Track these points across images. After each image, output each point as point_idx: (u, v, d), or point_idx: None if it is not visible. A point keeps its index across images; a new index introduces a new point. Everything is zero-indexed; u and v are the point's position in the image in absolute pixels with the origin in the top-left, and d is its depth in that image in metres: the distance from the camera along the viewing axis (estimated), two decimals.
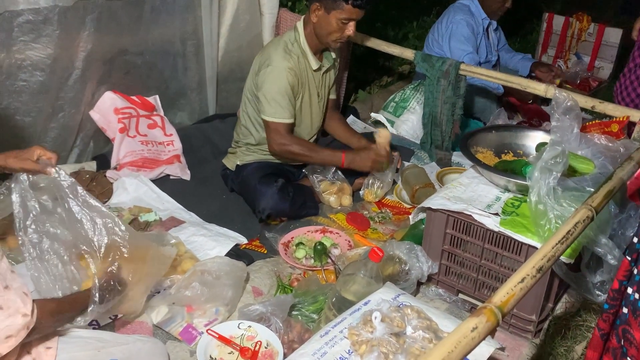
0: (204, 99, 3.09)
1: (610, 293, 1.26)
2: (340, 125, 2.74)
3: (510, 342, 1.88)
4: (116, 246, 1.63)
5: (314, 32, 2.39)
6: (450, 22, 3.24)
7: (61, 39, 2.28)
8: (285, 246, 2.26)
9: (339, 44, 2.41)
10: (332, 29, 2.32)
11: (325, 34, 2.35)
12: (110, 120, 2.61)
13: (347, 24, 2.31)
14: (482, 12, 3.30)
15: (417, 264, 1.99)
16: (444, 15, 3.36)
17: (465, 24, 3.20)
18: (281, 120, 2.36)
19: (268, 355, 1.65)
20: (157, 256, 1.71)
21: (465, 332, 1.05)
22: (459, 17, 3.22)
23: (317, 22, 2.34)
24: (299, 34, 2.42)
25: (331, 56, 2.54)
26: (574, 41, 4.61)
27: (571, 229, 1.42)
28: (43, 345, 1.37)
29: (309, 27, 2.39)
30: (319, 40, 2.40)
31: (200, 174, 2.71)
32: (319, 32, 2.36)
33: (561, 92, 2.20)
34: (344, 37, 2.36)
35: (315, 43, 2.42)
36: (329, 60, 2.54)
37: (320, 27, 2.35)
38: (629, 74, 2.81)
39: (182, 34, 2.84)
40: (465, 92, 2.86)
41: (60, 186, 1.62)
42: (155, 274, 1.74)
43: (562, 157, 1.73)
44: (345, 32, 2.33)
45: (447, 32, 3.24)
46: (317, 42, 2.42)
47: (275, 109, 2.35)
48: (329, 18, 2.30)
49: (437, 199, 1.98)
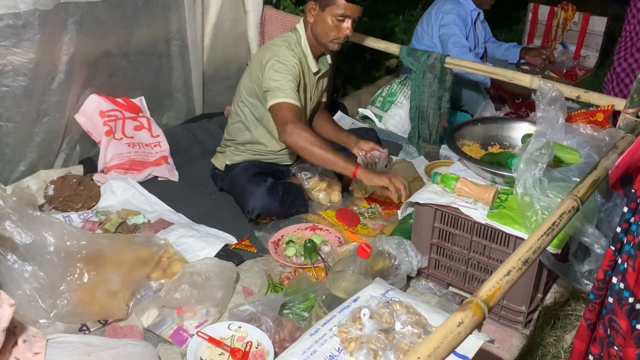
0: (190, 99, 3.07)
1: (595, 283, 1.26)
2: (329, 124, 2.73)
3: (500, 333, 1.89)
4: (74, 252, 1.63)
5: (312, 34, 2.38)
6: (440, 11, 3.25)
7: (43, 42, 2.26)
8: (275, 245, 2.26)
9: (337, 45, 2.38)
10: (329, 27, 2.30)
11: (322, 33, 2.33)
12: (96, 123, 2.59)
13: (343, 21, 2.29)
14: (470, 3, 3.31)
15: (406, 258, 1.99)
16: (432, 6, 3.37)
17: (455, 13, 3.21)
18: (292, 101, 2.22)
19: (259, 356, 1.65)
20: (138, 258, 1.71)
21: (451, 327, 1.05)
22: (449, 7, 3.23)
23: (314, 22, 2.33)
24: (300, 36, 2.40)
25: (327, 60, 2.53)
26: (560, 31, 4.63)
27: (557, 220, 1.42)
28: (31, 351, 1.37)
29: (309, 28, 2.39)
30: (317, 42, 2.39)
31: (189, 175, 2.70)
32: (316, 32, 2.35)
33: (546, 82, 2.21)
34: (342, 37, 2.34)
35: (315, 46, 2.41)
36: (325, 65, 2.53)
37: (316, 27, 2.34)
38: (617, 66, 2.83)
39: (166, 34, 2.82)
40: (451, 85, 2.86)
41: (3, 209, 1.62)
42: (139, 275, 1.74)
43: (547, 148, 1.74)
44: (342, 30, 2.31)
45: (436, 22, 3.25)
46: (316, 45, 2.41)
47: (284, 90, 2.23)
48: (324, 16, 2.29)
49: (425, 193, 1.98)
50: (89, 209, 2.38)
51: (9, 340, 1.36)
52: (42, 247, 1.62)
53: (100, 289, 1.66)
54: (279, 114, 2.22)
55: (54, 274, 1.62)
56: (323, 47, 2.42)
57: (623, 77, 2.80)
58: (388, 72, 4.24)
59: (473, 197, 1.90)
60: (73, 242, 1.64)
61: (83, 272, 1.64)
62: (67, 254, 1.63)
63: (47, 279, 1.61)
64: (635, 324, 1.16)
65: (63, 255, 1.63)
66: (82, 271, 1.64)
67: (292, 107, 2.22)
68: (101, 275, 1.66)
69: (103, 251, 1.69)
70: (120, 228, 2.24)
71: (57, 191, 2.38)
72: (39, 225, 1.63)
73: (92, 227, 2.23)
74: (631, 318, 1.17)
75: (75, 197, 2.39)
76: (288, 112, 2.20)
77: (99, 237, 1.77)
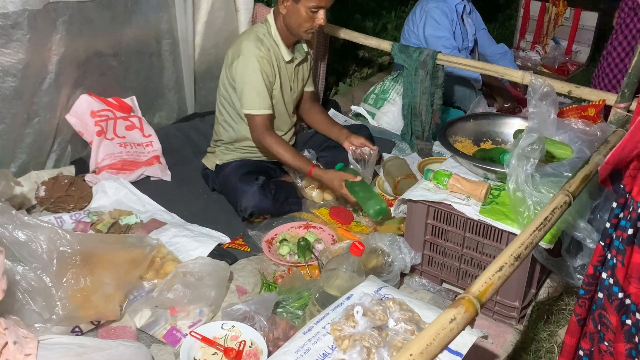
0: (182, 98, 3.06)
1: (585, 278, 1.27)
2: (321, 117, 2.72)
3: (494, 329, 1.90)
4: (67, 256, 1.63)
5: (284, 24, 2.37)
6: (424, 10, 3.23)
7: (32, 43, 2.24)
8: (269, 243, 2.25)
9: (310, 34, 2.39)
10: (302, 19, 2.29)
11: (295, 24, 2.32)
12: (87, 124, 2.58)
13: (317, 12, 2.29)
14: None
15: (400, 255, 1.99)
16: (417, 5, 3.35)
17: (439, 11, 3.19)
18: (259, 111, 2.35)
19: (252, 355, 1.65)
20: (131, 259, 1.70)
21: (443, 323, 1.06)
22: (432, 5, 3.21)
23: (287, 13, 2.32)
24: (270, 26, 2.40)
25: (303, 48, 2.52)
26: (551, 26, 4.64)
27: (548, 215, 1.43)
28: (22, 352, 1.36)
29: (280, 19, 2.37)
30: (290, 32, 2.38)
31: (181, 174, 2.69)
32: (289, 23, 2.34)
33: (537, 78, 2.21)
34: (315, 27, 2.34)
35: (286, 35, 2.40)
36: (301, 52, 2.52)
37: (290, 18, 2.32)
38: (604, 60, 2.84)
39: (157, 33, 2.81)
40: (444, 82, 2.86)
41: None
42: (131, 277, 1.73)
43: (538, 144, 1.74)
44: (315, 21, 2.31)
45: (421, 21, 3.23)
46: (288, 34, 2.40)
47: (252, 100, 2.33)
48: (297, 7, 2.28)
49: (417, 190, 1.98)
50: (81, 210, 2.37)
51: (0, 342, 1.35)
52: (34, 251, 1.61)
53: (94, 291, 1.65)
54: (250, 124, 2.40)
55: (47, 278, 1.61)
56: (296, 36, 2.41)
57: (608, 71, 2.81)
58: (380, 69, 4.24)
59: (465, 193, 1.90)
60: (65, 246, 1.63)
61: (77, 276, 1.63)
62: (59, 258, 1.62)
63: (39, 282, 1.60)
64: (625, 319, 1.16)
65: (55, 259, 1.61)
66: (75, 275, 1.63)
67: (262, 118, 2.37)
68: (95, 278, 1.65)
69: (96, 253, 1.68)
70: (113, 228, 2.23)
71: (48, 192, 2.36)
72: (30, 229, 1.62)
73: (84, 227, 2.22)
74: (621, 313, 1.17)
75: (66, 197, 2.38)
76: (259, 124, 2.37)
77: (92, 239, 1.75)
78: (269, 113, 2.38)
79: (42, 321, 1.57)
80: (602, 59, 2.87)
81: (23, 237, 1.61)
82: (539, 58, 4.55)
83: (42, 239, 1.62)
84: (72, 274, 1.63)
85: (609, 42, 2.85)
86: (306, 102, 2.69)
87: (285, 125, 2.58)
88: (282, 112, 2.52)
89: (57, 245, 1.63)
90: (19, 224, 1.61)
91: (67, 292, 1.62)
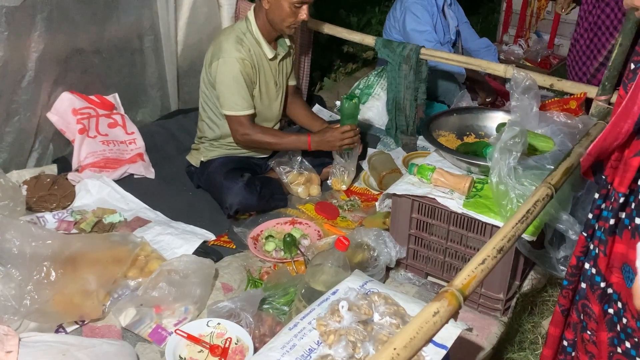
0: (165, 94, 3.03)
1: (568, 269, 1.28)
2: (302, 110, 2.72)
3: (479, 321, 1.91)
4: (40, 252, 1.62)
5: (266, 20, 2.35)
6: (404, 6, 3.23)
7: (11, 40, 2.21)
8: (255, 240, 2.25)
9: (293, 29, 2.38)
10: (285, 14, 2.29)
11: (278, 20, 2.32)
12: (69, 122, 2.55)
13: (300, 7, 2.28)
14: None
15: (385, 249, 2.00)
16: (397, 1, 3.35)
17: (419, 6, 3.19)
18: (241, 112, 2.35)
19: (238, 351, 1.65)
20: (113, 257, 1.68)
21: (427, 317, 1.06)
22: (412, 0, 3.21)
23: (270, 8, 2.31)
24: (250, 24, 2.38)
25: (285, 43, 2.51)
26: (534, 20, 4.66)
27: (531, 208, 1.44)
28: (2, 350, 1.35)
29: (261, 15, 2.36)
30: (272, 27, 2.37)
31: (165, 172, 2.67)
32: (271, 18, 2.33)
33: (519, 71, 2.23)
34: (298, 22, 2.33)
35: (268, 31, 2.39)
36: (284, 47, 2.51)
37: (272, 13, 2.31)
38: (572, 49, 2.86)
39: (138, 30, 2.78)
40: (427, 76, 2.87)
41: None
42: (114, 275, 1.71)
43: (521, 137, 1.75)
44: (298, 16, 2.30)
45: (402, 17, 3.23)
46: (270, 30, 2.39)
47: (233, 101, 2.33)
48: (281, 3, 2.27)
49: (402, 184, 1.99)
50: (64, 209, 2.34)
51: None
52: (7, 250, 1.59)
53: (73, 288, 1.63)
54: (231, 124, 2.40)
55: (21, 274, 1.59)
56: (278, 32, 2.40)
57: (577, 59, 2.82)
58: (365, 64, 4.24)
59: (449, 187, 1.91)
60: (38, 243, 1.62)
61: (51, 271, 1.61)
62: (32, 255, 1.60)
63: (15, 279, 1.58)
64: (607, 308, 1.17)
65: (28, 256, 1.60)
66: (49, 270, 1.61)
67: (244, 118, 2.37)
68: (73, 275, 1.64)
69: (76, 250, 1.66)
70: (96, 227, 2.21)
71: (30, 191, 2.33)
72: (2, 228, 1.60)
73: (68, 227, 2.19)
74: (603, 302, 1.18)
75: (49, 197, 2.35)
76: (240, 123, 2.37)
77: (71, 237, 1.74)
78: (250, 113, 2.38)
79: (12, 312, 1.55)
80: (571, 48, 2.89)
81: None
82: (521, 52, 4.57)
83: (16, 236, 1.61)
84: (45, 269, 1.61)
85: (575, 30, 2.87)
86: (288, 95, 2.69)
87: (271, 121, 2.58)
88: (267, 107, 2.51)
89: (29, 241, 1.61)
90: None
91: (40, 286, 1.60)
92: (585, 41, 2.72)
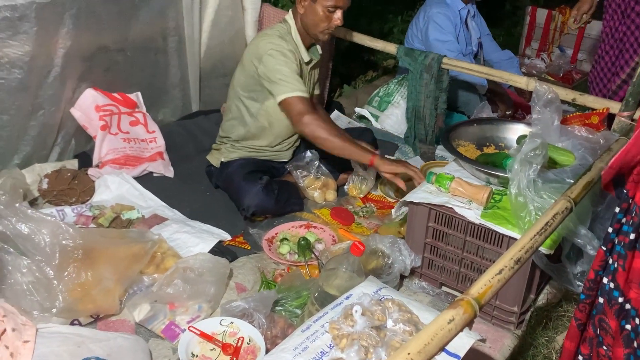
0: (186, 95, 3.07)
1: (586, 283, 1.27)
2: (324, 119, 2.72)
3: (492, 333, 1.89)
4: (69, 250, 1.63)
5: (301, 25, 2.38)
6: (427, 15, 3.24)
7: (39, 36, 2.25)
8: (269, 242, 2.26)
9: (327, 35, 2.40)
10: (319, 19, 2.31)
11: (312, 24, 2.34)
12: (92, 118, 2.58)
13: (334, 12, 2.30)
14: (458, 3, 3.29)
15: (400, 257, 1.99)
16: (420, 10, 3.36)
17: (442, 16, 3.20)
18: (299, 93, 2.27)
19: (250, 351, 1.65)
20: (132, 254, 1.70)
21: (442, 324, 1.05)
22: (435, 10, 3.22)
23: (304, 13, 2.34)
24: (290, 27, 2.41)
25: (317, 51, 2.53)
26: (557, 34, 4.64)
27: (549, 221, 1.43)
28: (20, 339, 1.37)
29: (298, 19, 2.39)
30: (307, 32, 2.39)
31: (184, 171, 2.70)
32: (306, 23, 2.36)
33: (542, 84, 2.22)
34: (332, 27, 2.35)
35: (304, 35, 2.41)
36: (316, 55, 2.53)
37: (307, 18, 2.34)
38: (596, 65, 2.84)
39: (163, 30, 2.82)
40: (448, 86, 2.86)
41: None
42: (132, 271, 1.73)
43: (541, 150, 1.74)
44: (332, 21, 2.32)
45: (424, 26, 3.24)
46: (305, 35, 2.41)
47: (290, 84, 2.27)
48: (315, 7, 2.29)
49: (419, 192, 1.98)
50: (83, 203, 2.37)
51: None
52: (37, 244, 1.61)
53: (94, 285, 1.65)
54: (291, 108, 2.28)
55: (49, 271, 1.61)
56: (313, 37, 2.42)
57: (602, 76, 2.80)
58: (385, 72, 4.24)
59: (467, 197, 1.91)
60: (68, 240, 1.63)
61: (78, 270, 1.63)
62: (61, 252, 1.62)
63: (42, 274, 1.60)
64: (624, 323, 1.16)
65: (58, 252, 1.62)
66: (77, 269, 1.63)
67: (302, 99, 2.28)
68: (95, 272, 1.65)
69: (97, 248, 1.68)
70: (114, 223, 2.23)
71: (51, 185, 2.37)
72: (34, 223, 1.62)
73: (86, 221, 2.22)
74: (620, 318, 1.17)
75: (69, 191, 2.39)
76: (300, 105, 2.26)
77: (94, 234, 1.75)
78: (306, 95, 2.32)
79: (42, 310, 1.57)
80: (595, 64, 2.87)
81: (27, 230, 1.62)
82: (544, 66, 4.55)
83: (45, 233, 1.63)
84: (73, 267, 1.63)
85: (600, 47, 2.86)
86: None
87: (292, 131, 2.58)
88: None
89: (59, 239, 1.63)
90: (22, 217, 1.62)
91: (67, 285, 1.63)
92: (610, 58, 2.70)
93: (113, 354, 1.49)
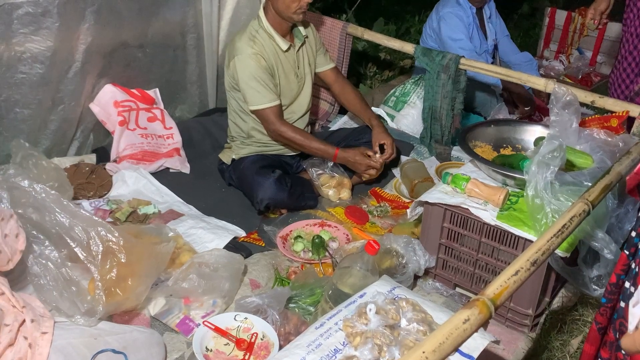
0: (204, 92, 3.09)
1: (608, 287, 1.25)
2: (352, 97, 2.73)
3: (506, 335, 1.88)
4: (112, 252, 1.63)
5: (274, 12, 2.38)
6: (440, 16, 3.24)
7: (61, 31, 2.28)
8: (284, 239, 2.26)
9: (302, 14, 2.39)
10: (289, 1, 2.31)
11: (284, 7, 2.34)
12: (110, 113, 2.62)
13: None
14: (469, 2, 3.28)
15: (414, 257, 1.99)
16: (433, 11, 3.35)
17: (454, 15, 3.19)
18: (264, 105, 2.38)
19: (264, 347, 1.66)
20: (154, 255, 1.71)
21: (457, 323, 1.05)
22: (447, 10, 3.22)
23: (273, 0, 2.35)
24: (261, 20, 2.42)
25: (300, 33, 2.53)
26: (576, 36, 4.59)
27: (567, 223, 1.42)
28: (39, 330, 1.39)
29: (269, 9, 2.39)
30: (281, 18, 2.39)
31: (200, 168, 2.72)
32: (278, 8, 2.36)
33: (560, 86, 2.20)
34: (303, 5, 2.34)
35: (279, 23, 2.41)
36: (299, 37, 2.53)
37: (276, 3, 2.34)
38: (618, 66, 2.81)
39: (182, 27, 2.84)
40: (465, 87, 2.85)
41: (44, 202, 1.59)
42: (154, 273, 1.74)
43: (559, 152, 1.73)
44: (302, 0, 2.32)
45: (437, 27, 3.24)
46: (280, 21, 2.41)
47: (254, 96, 2.37)
48: None
49: (435, 192, 1.98)
50: (101, 198, 2.40)
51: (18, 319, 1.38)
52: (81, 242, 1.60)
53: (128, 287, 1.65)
54: (261, 119, 2.43)
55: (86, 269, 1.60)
56: (289, 20, 2.42)
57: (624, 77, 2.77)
58: (402, 72, 4.23)
59: (483, 198, 1.90)
60: (112, 242, 1.62)
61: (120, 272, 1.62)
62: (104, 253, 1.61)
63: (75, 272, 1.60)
64: None
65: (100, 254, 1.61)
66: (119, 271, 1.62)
67: (271, 110, 2.39)
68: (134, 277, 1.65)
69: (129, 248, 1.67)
70: (131, 217, 2.26)
71: (69, 179, 2.39)
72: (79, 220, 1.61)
73: (103, 215, 2.25)
74: None
75: (87, 185, 2.42)
76: (269, 116, 2.40)
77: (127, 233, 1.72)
78: (276, 104, 2.40)
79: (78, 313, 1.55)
80: (617, 65, 2.84)
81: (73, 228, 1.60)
82: (562, 68, 4.50)
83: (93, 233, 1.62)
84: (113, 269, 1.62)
85: (621, 48, 2.83)
86: (335, 81, 2.72)
87: (298, 113, 2.60)
88: (291, 99, 2.54)
89: (104, 240, 1.62)
90: (69, 214, 1.61)
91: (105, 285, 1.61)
92: (634, 59, 2.67)
93: (128, 347, 1.51)
